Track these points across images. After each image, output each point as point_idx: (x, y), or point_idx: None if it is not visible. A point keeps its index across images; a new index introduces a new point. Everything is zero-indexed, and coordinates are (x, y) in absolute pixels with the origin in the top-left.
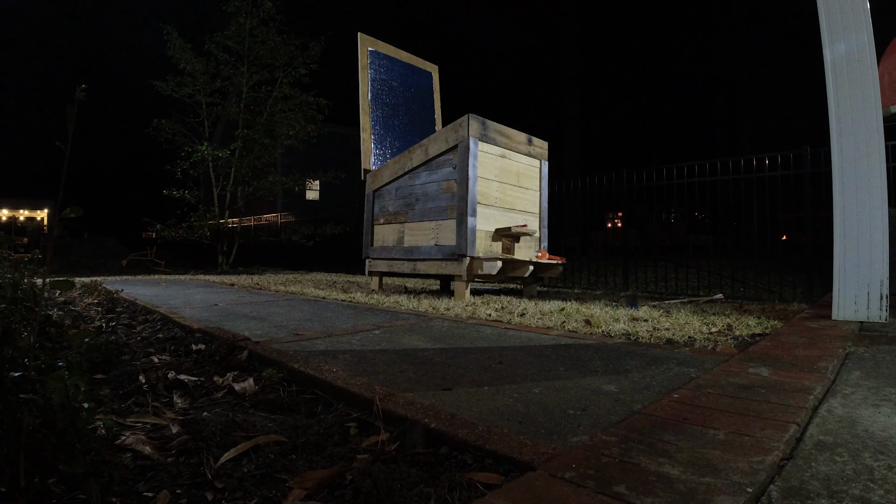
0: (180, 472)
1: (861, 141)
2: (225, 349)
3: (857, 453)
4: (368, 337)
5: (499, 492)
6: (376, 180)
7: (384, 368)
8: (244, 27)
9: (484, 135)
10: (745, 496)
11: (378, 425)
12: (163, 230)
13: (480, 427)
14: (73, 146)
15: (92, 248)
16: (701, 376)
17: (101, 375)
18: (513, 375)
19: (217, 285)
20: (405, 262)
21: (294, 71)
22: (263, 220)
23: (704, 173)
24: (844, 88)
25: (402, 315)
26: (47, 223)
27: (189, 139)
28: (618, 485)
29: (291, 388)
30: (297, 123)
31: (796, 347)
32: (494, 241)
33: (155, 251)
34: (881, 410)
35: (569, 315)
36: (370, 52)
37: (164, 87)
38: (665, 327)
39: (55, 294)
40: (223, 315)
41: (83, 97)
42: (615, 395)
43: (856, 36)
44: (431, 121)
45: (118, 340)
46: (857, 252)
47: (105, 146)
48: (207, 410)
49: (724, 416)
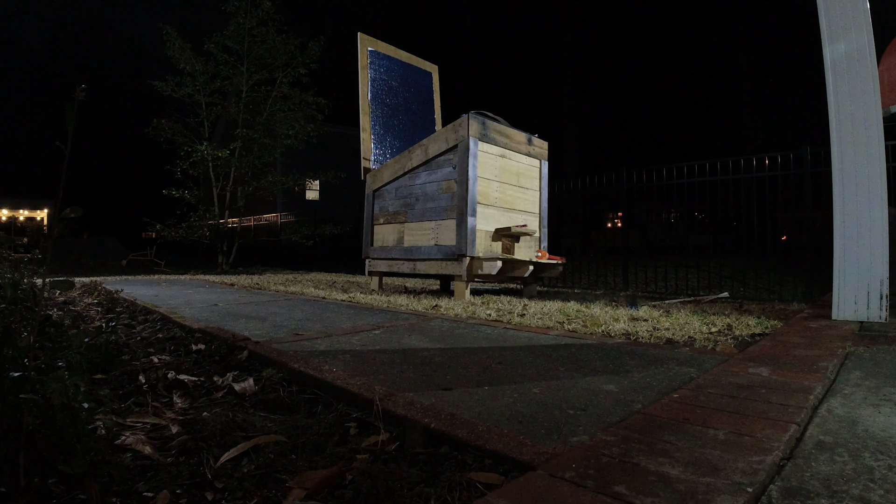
0: (180, 472)
1: (861, 141)
2: (225, 349)
3: (857, 453)
4: (368, 337)
5: (499, 492)
6: (376, 180)
7: (384, 368)
8: (243, 27)
9: (484, 134)
10: (746, 496)
11: (378, 425)
12: (163, 230)
13: (480, 427)
14: (73, 146)
15: (92, 248)
16: (701, 376)
17: (101, 375)
18: (513, 375)
19: (217, 285)
20: (405, 262)
21: (293, 71)
22: (263, 220)
23: (704, 173)
24: (844, 88)
25: (402, 315)
26: (47, 223)
27: (189, 139)
28: (618, 485)
29: (291, 388)
30: (297, 123)
31: (796, 347)
32: (494, 241)
33: (155, 251)
34: (881, 410)
35: (569, 315)
36: (370, 52)
37: (163, 87)
38: (665, 327)
39: (55, 294)
40: (223, 315)
41: (83, 97)
42: (615, 394)
43: (856, 36)
44: (431, 121)
45: (118, 340)
46: (857, 252)
47: (105, 146)
48: (207, 410)
49: (725, 416)
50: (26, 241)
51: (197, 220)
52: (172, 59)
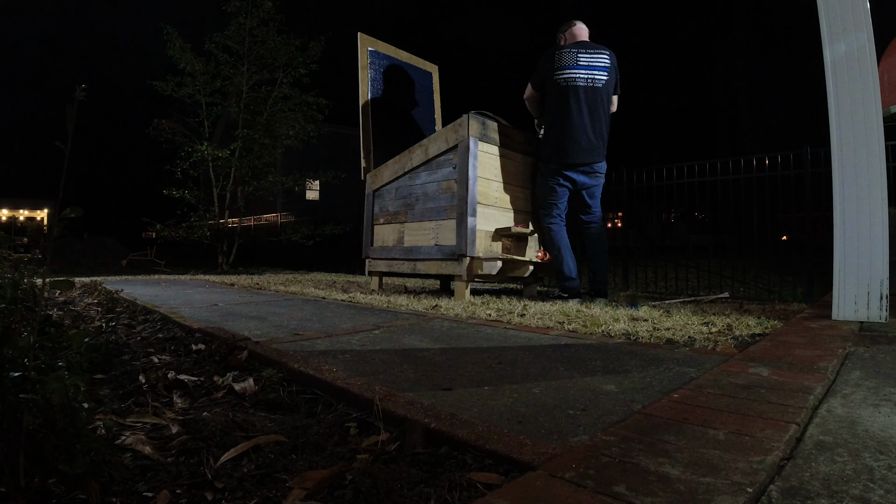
0: (180, 472)
1: (861, 141)
2: (225, 349)
3: (857, 453)
4: (368, 337)
5: (499, 492)
6: (376, 180)
7: (384, 368)
8: (244, 27)
9: (484, 134)
10: (745, 496)
11: (378, 425)
12: (162, 230)
13: (480, 427)
14: (73, 146)
15: (92, 248)
16: (701, 376)
17: (101, 375)
18: (513, 375)
19: (217, 285)
20: (405, 262)
21: (294, 71)
22: (263, 220)
23: (704, 173)
24: (844, 88)
25: (402, 315)
26: (47, 223)
27: (189, 139)
28: (618, 485)
29: (291, 388)
30: (297, 123)
31: (796, 347)
32: (494, 241)
33: (155, 251)
34: (881, 410)
35: (569, 315)
36: (370, 51)
37: (163, 87)
38: (665, 327)
39: (55, 294)
40: (223, 315)
41: (83, 97)
42: (615, 394)
43: (856, 36)
44: (432, 120)
45: (118, 340)
46: (857, 252)
47: (105, 146)
48: (207, 410)
49: (724, 416)
50: (26, 241)
51: (197, 220)
52: (173, 59)
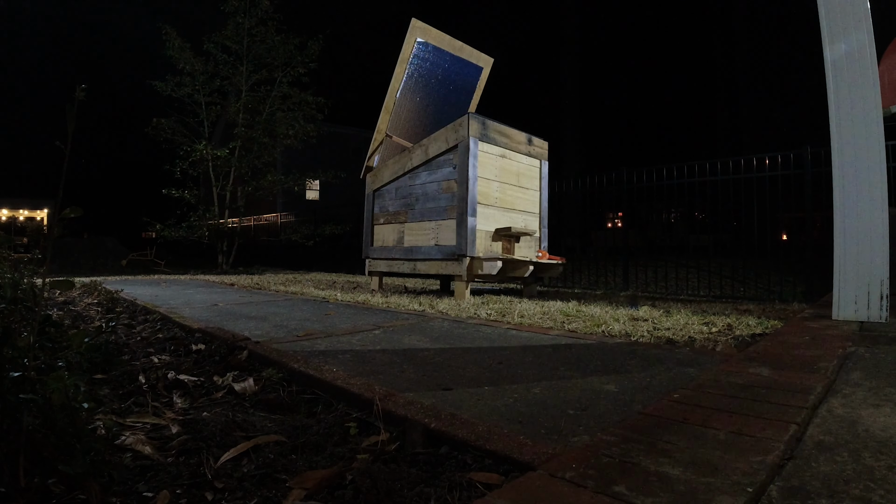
0: (180, 472)
1: (861, 141)
2: (225, 349)
3: (858, 453)
4: (368, 337)
5: (499, 492)
6: (376, 180)
7: (384, 368)
8: (242, 26)
9: (484, 134)
10: (746, 496)
11: (378, 425)
12: (162, 230)
13: (480, 427)
14: (73, 146)
15: (92, 248)
16: (701, 376)
17: (101, 375)
18: (513, 375)
19: (217, 285)
20: (405, 262)
21: (293, 70)
22: (263, 219)
23: (704, 173)
24: (844, 88)
25: (402, 315)
26: (47, 223)
27: (188, 139)
28: (618, 485)
29: (291, 388)
30: (297, 123)
31: (796, 347)
32: (494, 241)
33: (155, 251)
34: (881, 410)
35: (569, 315)
36: (418, 43)
37: (163, 86)
38: (665, 327)
39: (55, 294)
40: (223, 315)
41: (83, 97)
42: (615, 395)
43: (856, 36)
44: None
45: (118, 340)
46: (857, 252)
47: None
48: (207, 410)
49: (725, 416)
50: (26, 241)
51: (197, 219)
52: (172, 59)
